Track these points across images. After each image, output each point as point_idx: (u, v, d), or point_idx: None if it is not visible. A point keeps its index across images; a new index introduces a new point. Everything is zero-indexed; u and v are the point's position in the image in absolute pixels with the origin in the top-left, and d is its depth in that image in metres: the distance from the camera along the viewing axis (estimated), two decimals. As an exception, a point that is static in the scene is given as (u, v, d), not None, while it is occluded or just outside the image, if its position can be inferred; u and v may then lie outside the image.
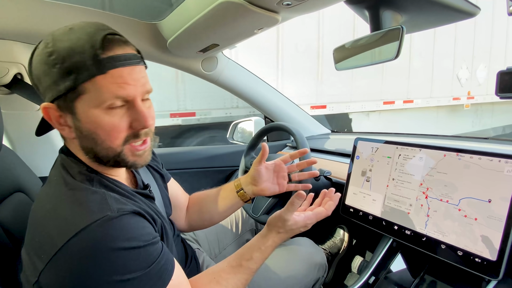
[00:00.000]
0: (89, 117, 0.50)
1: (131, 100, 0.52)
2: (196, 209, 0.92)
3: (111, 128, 0.51)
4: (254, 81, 1.42)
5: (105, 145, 0.52)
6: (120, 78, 0.50)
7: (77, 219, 0.47)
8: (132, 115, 0.53)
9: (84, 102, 0.50)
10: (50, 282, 0.46)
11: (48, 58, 0.49)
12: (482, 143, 0.91)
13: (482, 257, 0.64)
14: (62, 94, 0.49)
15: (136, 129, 0.54)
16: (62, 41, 0.49)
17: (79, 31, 0.50)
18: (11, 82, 1.02)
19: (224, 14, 0.76)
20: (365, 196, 0.92)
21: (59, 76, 0.48)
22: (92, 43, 0.48)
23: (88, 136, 0.52)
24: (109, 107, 0.50)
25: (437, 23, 0.83)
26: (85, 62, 0.48)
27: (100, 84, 0.49)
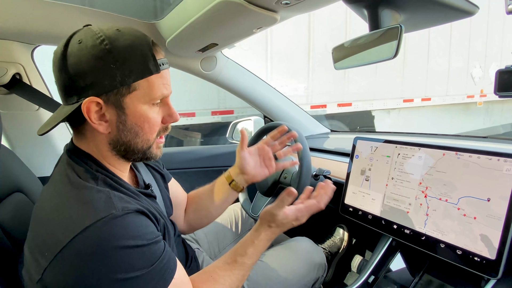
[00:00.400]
0: (138, 111, 0.55)
1: (165, 98, 0.59)
2: (193, 208, 0.93)
3: (154, 121, 0.58)
4: (253, 81, 1.42)
5: (145, 137, 0.58)
6: (165, 79, 0.57)
7: (82, 217, 0.47)
8: (165, 111, 0.60)
9: (135, 97, 0.54)
10: (54, 279, 0.46)
11: (106, 55, 0.51)
12: (481, 142, 0.91)
13: (481, 256, 0.64)
14: (115, 89, 0.52)
15: (166, 123, 0.61)
16: (118, 40, 0.52)
17: (128, 33, 0.54)
18: (10, 82, 1.02)
19: (223, 13, 0.76)
20: (365, 196, 0.92)
21: (118, 72, 0.51)
22: (148, 46, 0.54)
23: (131, 129, 0.56)
24: (153, 104, 0.57)
25: (436, 22, 0.83)
26: (146, 62, 0.53)
27: (154, 83, 0.55)
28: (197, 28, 0.88)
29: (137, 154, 0.59)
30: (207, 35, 0.94)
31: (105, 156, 0.58)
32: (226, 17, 0.78)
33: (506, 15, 0.60)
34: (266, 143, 0.88)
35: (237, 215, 1.20)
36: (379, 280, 0.84)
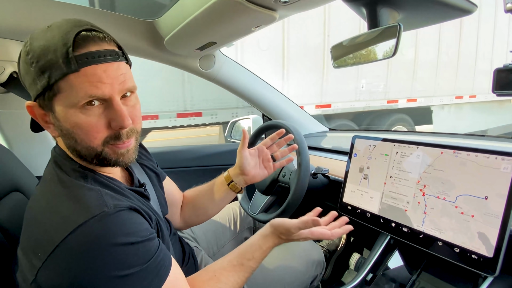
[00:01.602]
0: (67, 116, 0.50)
1: (108, 98, 0.50)
2: (190, 206, 0.93)
3: (88, 127, 0.50)
4: (252, 79, 1.42)
5: (84, 144, 0.52)
6: (93, 76, 0.48)
7: (74, 215, 0.47)
8: (109, 115, 0.51)
9: (61, 101, 0.49)
10: (48, 279, 0.46)
11: (26, 57, 0.49)
12: (479, 140, 0.91)
13: (478, 254, 0.65)
14: (41, 93, 0.49)
15: (115, 129, 0.52)
16: (38, 39, 0.49)
17: (55, 29, 0.49)
18: (7, 80, 1.02)
19: (221, 12, 0.76)
20: (363, 194, 0.93)
21: (36, 75, 0.49)
22: (65, 41, 0.47)
23: (67, 135, 0.51)
24: (85, 106, 0.49)
25: (434, 21, 0.83)
26: (58, 60, 0.47)
27: (73, 83, 0.48)
28: (196, 27, 0.87)
29: (91, 160, 0.54)
30: (205, 33, 0.94)
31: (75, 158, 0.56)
32: (224, 16, 0.78)
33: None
34: (264, 144, 0.90)
35: (236, 213, 1.20)
36: (377, 278, 0.84)
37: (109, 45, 0.51)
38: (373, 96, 4.72)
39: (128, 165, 0.58)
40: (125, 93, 0.53)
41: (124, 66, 0.53)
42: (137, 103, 0.56)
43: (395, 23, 0.69)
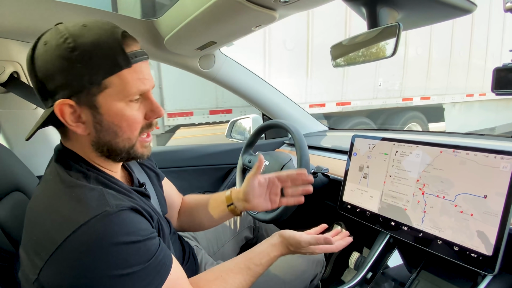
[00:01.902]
0: (113, 110, 0.52)
1: (145, 93, 0.55)
2: (187, 214, 0.92)
3: (132, 119, 0.54)
4: (252, 79, 1.42)
5: (125, 136, 0.55)
6: (140, 73, 0.53)
7: (76, 215, 0.47)
8: (146, 107, 0.56)
9: (108, 95, 0.51)
10: (50, 279, 0.46)
11: (70, 54, 0.48)
12: (478, 140, 0.92)
13: (478, 252, 0.65)
14: (85, 88, 0.50)
15: (150, 119, 0.58)
16: (83, 36, 0.49)
17: (95, 27, 0.51)
18: (7, 80, 1.02)
19: (221, 12, 0.76)
20: (363, 193, 0.93)
21: (85, 71, 0.49)
22: (115, 38, 0.50)
23: (109, 129, 0.53)
24: (130, 101, 0.53)
25: (434, 20, 0.83)
26: (114, 56, 0.50)
27: (126, 78, 0.51)
28: (196, 26, 0.88)
29: (120, 154, 0.57)
30: (205, 33, 0.94)
31: (91, 156, 0.57)
32: (224, 15, 0.78)
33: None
34: (278, 178, 0.82)
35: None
36: (377, 276, 0.84)
37: (140, 45, 0.56)
38: (390, 94, 4.91)
39: (145, 159, 0.61)
40: None
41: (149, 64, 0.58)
42: None
43: (394, 22, 0.69)
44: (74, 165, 0.55)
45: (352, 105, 4.60)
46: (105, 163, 0.59)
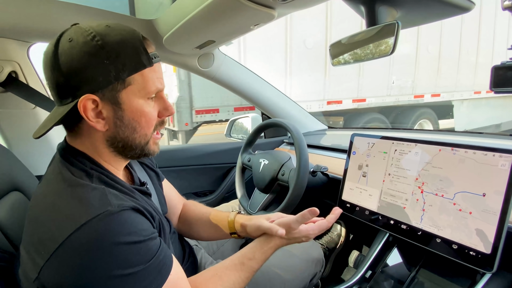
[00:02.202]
0: (134, 106, 0.55)
1: (160, 92, 0.59)
2: (187, 224, 0.91)
3: (150, 116, 0.58)
4: (251, 78, 1.42)
5: (142, 132, 0.58)
6: (158, 72, 0.57)
7: (78, 214, 0.47)
8: (160, 105, 0.60)
9: (131, 92, 0.54)
10: (51, 278, 0.46)
11: (99, 51, 0.50)
12: (477, 138, 0.92)
13: (476, 251, 0.65)
14: (110, 84, 0.52)
15: (163, 116, 0.61)
16: (109, 35, 0.52)
17: (118, 29, 0.54)
18: (6, 80, 1.02)
19: (220, 10, 0.76)
20: (362, 192, 0.93)
21: (112, 67, 0.51)
22: (139, 40, 0.54)
23: (128, 124, 0.56)
24: (148, 98, 0.57)
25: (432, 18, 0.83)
26: (139, 55, 0.53)
27: (147, 76, 0.55)
28: (194, 25, 0.88)
29: (135, 150, 0.59)
30: (204, 32, 0.94)
31: (101, 153, 0.58)
32: (223, 14, 0.78)
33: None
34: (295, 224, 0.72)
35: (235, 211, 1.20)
36: (376, 275, 0.85)
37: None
38: (402, 91, 5.13)
39: (154, 155, 0.63)
40: None
41: None
42: None
43: (393, 21, 0.69)
44: (77, 164, 0.55)
45: (367, 102, 4.85)
46: (113, 160, 0.60)
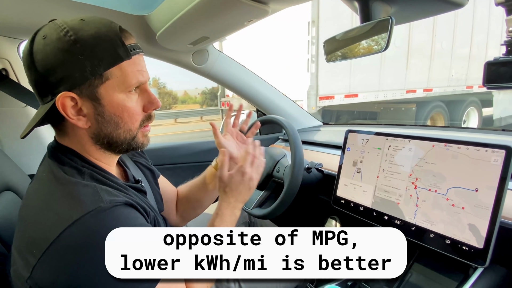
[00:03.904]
0: (115, 101, 0.53)
1: (143, 85, 0.57)
2: (185, 201, 0.93)
3: (133, 111, 0.56)
4: (246, 74, 1.41)
5: (126, 127, 0.56)
6: (138, 65, 0.55)
7: (69, 211, 0.47)
8: (144, 99, 0.58)
9: (110, 87, 0.52)
10: (44, 276, 0.46)
11: (72, 46, 0.49)
12: (470, 133, 0.93)
13: (469, 245, 0.66)
14: (87, 80, 0.50)
15: (148, 111, 0.59)
16: (83, 30, 0.50)
17: (93, 22, 0.52)
18: (-4, 78, 1.00)
19: (213, 6, 0.75)
20: (356, 187, 0.93)
21: (87, 63, 0.50)
22: (115, 32, 0.52)
23: (110, 120, 0.54)
24: (131, 92, 0.55)
25: (426, 14, 0.83)
26: (115, 48, 0.51)
27: (126, 70, 0.53)
28: (188, 21, 0.87)
29: (121, 145, 0.58)
30: (198, 28, 0.93)
31: (89, 150, 0.57)
32: (217, 10, 0.78)
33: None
34: (227, 125, 0.89)
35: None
36: (371, 270, 0.85)
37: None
38: (458, 83, 5.81)
39: (144, 148, 0.62)
40: None
41: None
42: None
43: (387, 16, 0.69)
44: (68, 162, 0.54)
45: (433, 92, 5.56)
46: (103, 156, 0.59)
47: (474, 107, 6.14)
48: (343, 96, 4.84)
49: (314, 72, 4.52)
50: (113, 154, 0.60)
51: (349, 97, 4.88)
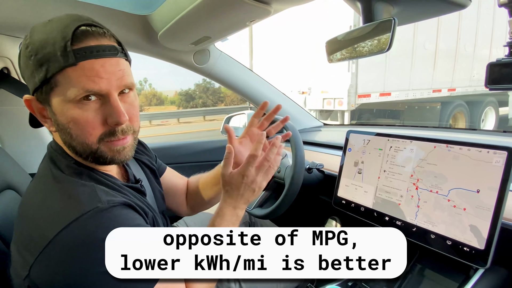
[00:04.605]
0: (63, 110, 0.49)
1: (105, 94, 0.50)
2: (194, 195, 0.92)
3: (84, 123, 0.50)
4: (247, 74, 1.41)
5: (79, 140, 0.51)
6: (91, 70, 0.48)
7: (67, 211, 0.47)
8: (106, 110, 0.50)
9: (57, 95, 0.49)
10: (41, 275, 0.46)
11: (25, 50, 0.49)
12: (472, 134, 0.92)
13: (470, 246, 0.66)
14: (38, 86, 0.49)
15: (111, 125, 0.51)
16: (38, 32, 0.50)
17: (56, 23, 0.50)
18: (-2, 76, 1.00)
19: (215, 6, 0.75)
20: (357, 188, 0.93)
21: (35, 67, 0.49)
22: (64, 35, 0.47)
23: (63, 129, 0.51)
24: (82, 101, 0.49)
25: (429, 15, 0.83)
26: (56, 53, 0.47)
27: (70, 77, 0.47)
28: (190, 21, 0.87)
29: (86, 157, 0.53)
30: (199, 27, 0.93)
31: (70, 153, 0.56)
32: (219, 10, 0.78)
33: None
34: (252, 125, 0.82)
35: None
36: (372, 270, 0.85)
37: (109, 40, 0.51)
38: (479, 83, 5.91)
39: (124, 162, 0.58)
40: (123, 90, 0.53)
41: (123, 62, 0.53)
42: (135, 100, 0.55)
43: (390, 17, 0.69)
44: (65, 161, 0.55)
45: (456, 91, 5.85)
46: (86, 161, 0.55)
47: (492, 107, 6.41)
48: (378, 95, 5.18)
49: (354, 72, 4.89)
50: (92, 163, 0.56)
51: (383, 95, 5.22)
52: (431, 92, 5.63)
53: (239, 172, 0.64)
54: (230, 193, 0.65)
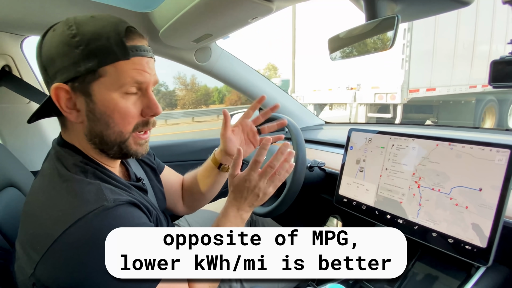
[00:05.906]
0: (106, 99, 0.52)
1: (145, 88, 0.55)
2: (189, 193, 0.93)
3: (126, 112, 0.54)
4: (249, 73, 1.41)
5: (116, 129, 0.54)
6: (140, 65, 0.53)
7: (73, 209, 0.47)
8: (144, 103, 0.56)
9: (103, 84, 0.52)
10: (47, 273, 0.46)
11: (71, 40, 0.50)
12: (474, 133, 0.92)
13: (472, 245, 0.66)
14: (81, 75, 0.50)
15: (146, 116, 0.57)
16: (87, 25, 0.51)
17: (102, 19, 0.52)
18: (-1, 74, 1.00)
19: (217, 3, 0.75)
20: (359, 186, 0.93)
21: (82, 57, 0.50)
22: (118, 31, 0.51)
23: (101, 119, 0.53)
24: (126, 92, 0.53)
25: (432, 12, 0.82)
26: (111, 46, 0.51)
27: (122, 69, 0.52)
28: (191, 18, 0.86)
29: (112, 148, 0.56)
30: (201, 25, 0.93)
31: (87, 148, 0.57)
32: (221, 7, 0.77)
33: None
34: (246, 116, 0.85)
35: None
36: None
37: (147, 43, 0.57)
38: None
39: (142, 156, 0.60)
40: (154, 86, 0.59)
41: (153, 63, 0.58)
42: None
43: (393, 14, 0.68)
44: (72, 159, 0.55)
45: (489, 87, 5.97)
46: (100, 156, 0.58)
47: None
48: (425, 90, 5.55)
49: (407, 70, 5.33)
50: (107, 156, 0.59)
51: (429, 90, 5.60)
52: (468, 87, 6.05)
53: (242, 176, 0.65)
54: (235, 194, 0.66)
